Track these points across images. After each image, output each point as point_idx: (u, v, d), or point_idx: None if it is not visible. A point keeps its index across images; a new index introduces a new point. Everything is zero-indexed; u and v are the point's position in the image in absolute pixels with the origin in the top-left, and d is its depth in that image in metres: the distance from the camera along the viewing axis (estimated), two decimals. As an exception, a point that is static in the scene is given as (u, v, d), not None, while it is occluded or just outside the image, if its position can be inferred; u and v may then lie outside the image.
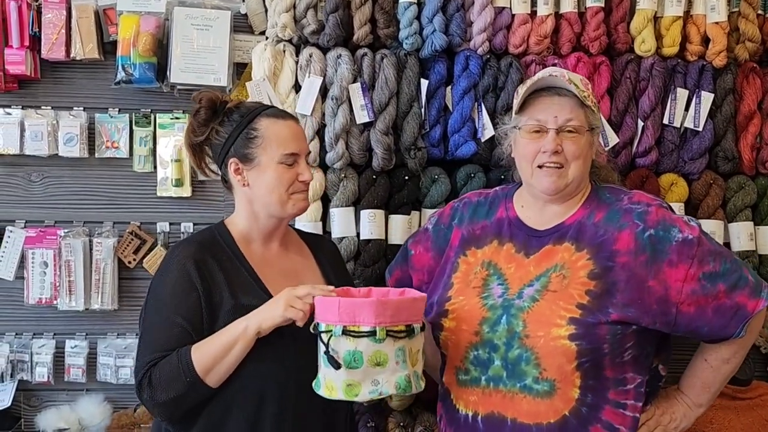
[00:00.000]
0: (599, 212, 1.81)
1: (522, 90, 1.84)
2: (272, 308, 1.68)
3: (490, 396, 1.74)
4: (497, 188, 2.03)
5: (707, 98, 2.50)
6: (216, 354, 1.67)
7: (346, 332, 1.59)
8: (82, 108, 2.53)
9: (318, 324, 1.64)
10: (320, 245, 2.06)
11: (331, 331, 1.60)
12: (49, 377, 2.49)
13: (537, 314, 1.71)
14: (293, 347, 1.72)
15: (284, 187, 1.82)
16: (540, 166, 1.79)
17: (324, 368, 1.63)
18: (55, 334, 2.53)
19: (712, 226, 2.52)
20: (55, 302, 2.49)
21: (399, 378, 1.59)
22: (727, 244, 2.55)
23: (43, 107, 2.52)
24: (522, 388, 1.70)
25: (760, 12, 2.56)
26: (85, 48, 2.45)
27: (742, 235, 2.54)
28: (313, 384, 1.67)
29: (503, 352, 1.72)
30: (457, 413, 1.81)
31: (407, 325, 1.61)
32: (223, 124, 1.85)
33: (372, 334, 1.58)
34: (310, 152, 1.92)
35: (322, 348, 1.62)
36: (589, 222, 1.80)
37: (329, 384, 1.62)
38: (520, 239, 1.85)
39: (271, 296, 1.75)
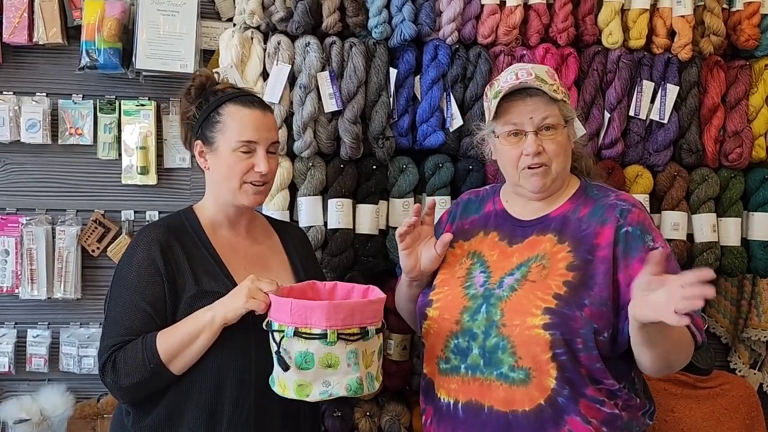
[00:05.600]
0: (585, 208, 1.82)
1: (491, 94, 1.83)
2: (234, 299, 1.68)
3: (469, 384, 1.75)
4: (487, 186, 2.05)
5: (672, 91, 2.53)
6: (181, 342, 1.68)
7: (297, 333, 1.58)
8: (45, 94, 2.49)
9: (271, 322, 1.64)
10: (289, 233, 2.05)
11: (283, 331, 1.60)
12: (10, 367, 2.45)
13: (514, 303, 1.72)
14: (254, 334, 1.71)
15: (237, 176, 1.80)
16: (526, 167, 1.80)
17: (277, 367, 1.63)
18: (16, 323, 2.50)
19: (676, 218, 2.56)
20: (16, 291, 2.46)
21: (350, 380, 1.59)
22: (691, 236, 2.59)
23: (4, 92, 2.47)
24: (498, 376, 1.71)
25: (725, 6, 2.60)
26: (49, 32, 2.41)
27: (705, 226, 2.57)
28: (270, 380, 1.67)
29: (481, 341, 1.73)
30: (440, 402, 1.82)
31: (361, 327, 1.60)
32: (201, 106, 1.85)
33: (323, 336, 1.57)
34: (276, 143, 1.86)
35: (274, 347, 1.62)
36: (574, 216, 1.81)
37: (282, 382, 1.63)
38: (505, 229, 1.87)
39: (235, 283, 1.74)
